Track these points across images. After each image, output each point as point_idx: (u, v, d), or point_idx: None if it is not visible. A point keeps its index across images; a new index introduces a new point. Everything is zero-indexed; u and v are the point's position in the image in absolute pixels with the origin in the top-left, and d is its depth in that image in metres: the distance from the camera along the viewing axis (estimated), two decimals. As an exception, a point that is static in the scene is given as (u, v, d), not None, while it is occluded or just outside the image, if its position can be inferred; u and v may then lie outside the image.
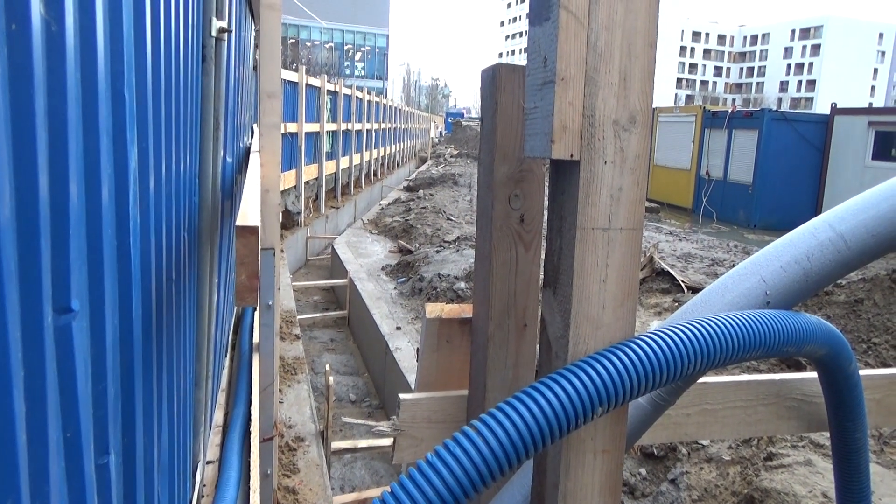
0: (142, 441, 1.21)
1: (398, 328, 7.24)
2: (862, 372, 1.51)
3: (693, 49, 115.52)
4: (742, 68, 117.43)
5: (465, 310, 1.65)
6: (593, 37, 0.99)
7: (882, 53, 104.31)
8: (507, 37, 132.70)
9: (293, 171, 12.02)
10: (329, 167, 15.32)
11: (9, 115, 0.62)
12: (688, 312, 1.30)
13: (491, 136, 1.40)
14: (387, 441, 4.22)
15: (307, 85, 12.65)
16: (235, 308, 4.50)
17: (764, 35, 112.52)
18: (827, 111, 18.12)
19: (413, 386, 2.60)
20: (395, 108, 28.98)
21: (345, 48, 65.84)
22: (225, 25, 1.92)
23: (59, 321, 0.76)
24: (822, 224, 1.33)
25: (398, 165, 28.55)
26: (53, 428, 0.74)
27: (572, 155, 1.01)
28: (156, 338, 1.37)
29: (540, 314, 1.19)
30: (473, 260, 1.59)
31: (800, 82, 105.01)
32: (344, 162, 16.81)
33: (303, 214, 12.63)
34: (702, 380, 1.52)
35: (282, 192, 10.28)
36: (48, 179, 0.72)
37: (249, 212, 1.86)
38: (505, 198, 1.41)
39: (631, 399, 1.00)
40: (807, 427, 1.66)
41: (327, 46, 62.50)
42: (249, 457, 2.62)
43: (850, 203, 1.36)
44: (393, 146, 27.29)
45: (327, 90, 14.64)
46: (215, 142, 1.95)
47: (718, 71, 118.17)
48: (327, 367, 4.97)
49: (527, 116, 1.10)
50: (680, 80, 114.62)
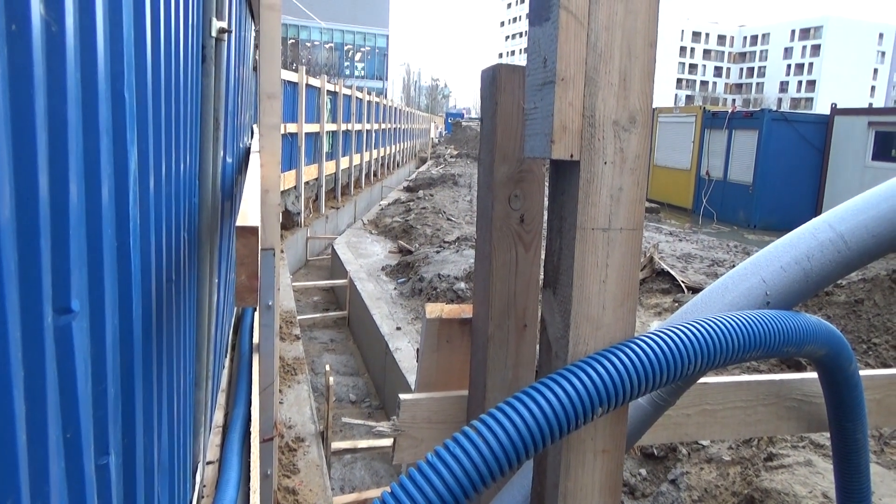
0: (142, 441, 1.21)
1: (398, 328, 7.24)
2: (862, 372, 1.51)
3: (693, 49, 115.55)
4: (742, 68, 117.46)
5: (465, 310, 1.65)
6: (593, 37, 0.99)
7: (882, 54, 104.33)
8: (507, 37, 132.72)
9: (293, 172, 12.02)
10: (329, 167, 15.32)
11: (9, 116, 0.62)
12: (688, 313, 1.30)
13: (491, 137, 1.40)
14: (387, 441, 4.22)
15: (307, 85, 12.66)
16: (235, 308, 4.50)
17: (764, 35, 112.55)
18: (827, 111, 18.11)
19: (413, 386, 2.60)
20: (395, 109, 28.98)
21: (345, 48, 65.83)
22: (225, 26, 1.92)
23: (59, 321, 0.76)
24: (823, 224, 1.33)
25: (398, 166, 28.56)
26: (53, 428, 0.74)
27: (572, 155, 1.01)
28: (156, 338, 1.37)
29: (540, 314, 1.19)
30: (473, 260, 1.59)
31: (800, 82, 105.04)
32: (344, 162, 16.81)
33: (303, 215, 12.63)
34: (702, 380, 1.52)
35: (282, 193, 10.29)
36: (48, 179, 0.72)
37: (249, 212, 1.86)
38: (505, 198, 1.41)
39: (631, 399, 1.00)
40: (807, 427, 1.66)
41: (327, 47, 62.51)
42: (249, 457, 2.62)
43: (850, 203, 1.36)
44: (393, 146, 27.29)
45: (327, 90, 14.64)
46: (215, 142, 1.95)
47: (718, 71, 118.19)
48: (327, 368, 4.97)
49: (527, 117, 1.10)
50: (680, 81, 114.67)
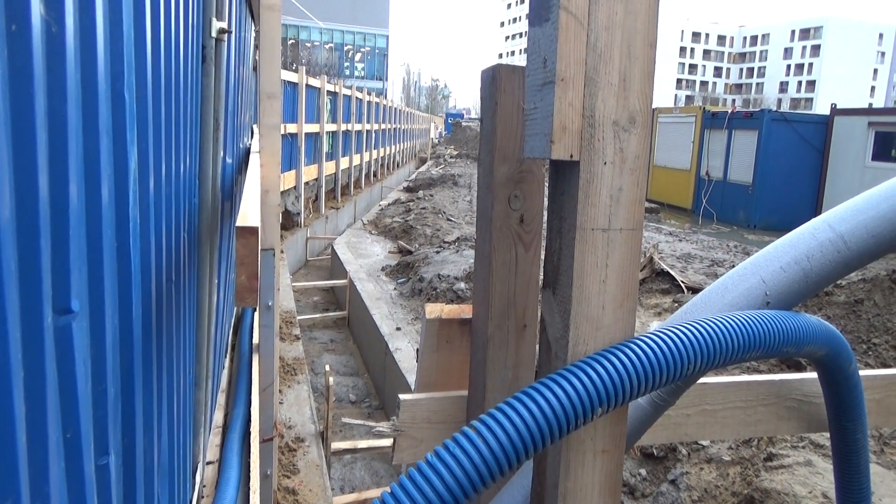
0: (142, 442, 1.21)
1: (398, 329, 7.24)
2: (862, 372, 1.51)
3: (693, 50, 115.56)
4: (742, 69, 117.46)
5: (465, 310, 1.65)
6: (593, 37, 0.99)
7: (882, 54, 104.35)
8: (507, 37, 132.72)
9: (293, 172, 12.02)
10: (329, 168, 15.32)
11: (9, 116, 0.62)
12: (688, 313, 1.30)
13: (491, 137, 1.40)
14: (387, 442, 4.22)
15: (307, 85, 12.66)
16: (235, 308, 4.50)
17: (764, 36, 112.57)
18: (827, 112, 18.11)
19: (413, 386, 2.60)
20: (395, 109, 28.98)
21: (345, 49, 65.80)
22: (225, 26, 1.92)
23: (59, 322, 0.76)
24: (822, 224, 1.33)
25: (398, 166, 28.56)
26: (53, 428, 0.74)
27: (572, 155, 1.01)
28: (156, 338, 1.37)
29: (540, 314, 1.19)
30: (473, 260, 1.59)
31: (800, 83, 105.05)
32: (344, 162, 16.81)
33: (303, 215, 12.63)
34: (702, 380, 1.52)
35: (281, 193, 10.28)
36: (48, 180, 0.72)
37: (249, 212, 1.86)
38: (505, 198, 1.41)
39: (631, 399, 1.00)
40: (807, 427, 1.66)
41: (327, 47, 62.48)
42: (249, 457, 2.62)
43: (850, 203, 1.36)
44: (393, 147, 27.29)
45: (327, 91, 14.64)
46: (215, 142, 1.95)
47: (718, 71, 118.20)
48: (327, 368, 4.97)
49: (527, 117, 1.10)
50: (680, 81, 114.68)
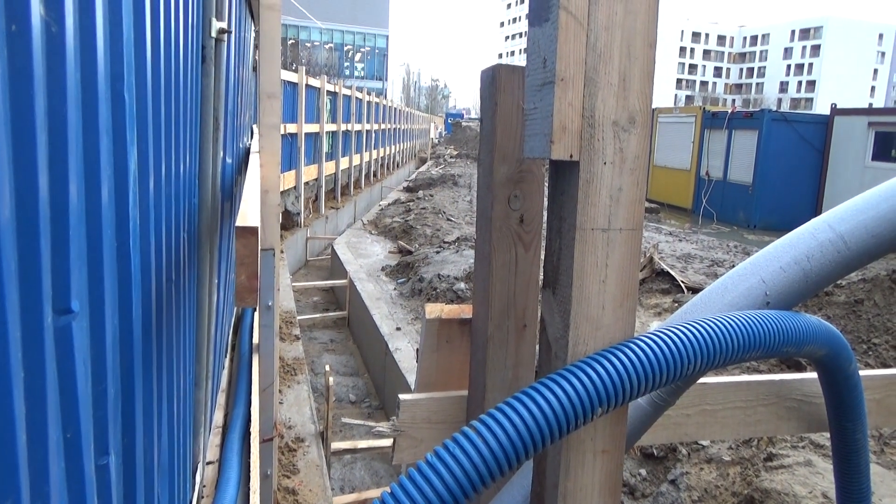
0: (142, 442, 1.21)
1: (398, 329, 7.24)
2: (862, 372, 1.51)
3: (693, 50, 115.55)
4: (742, 69, 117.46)
5: (465, 310, 1.65)
6: (593, 37, 0.99)
7: (882, 54, 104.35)
8: (507, 37, 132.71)
9: (293, 172, 12.02)
10: (329, 168, 15.32)
11: (9, 116, 0.62)
12: (688, 313, 1.30)
13: (490, 137, 1.40)
14: (386, 442, 4.22)
15: (307, 85, 12.65)
16: (235, 308, 4.50)
17: (764, 36, 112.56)
18: (827, 112, 18.10)
19: (413, 386, 2.60)
20: (395, 109, 28.98)
21: (344, 49, 65.78)
22: (225, 26, 1.92)
23: (59, 322, 0.76)
24: (822, 224, 1.33)
25: (398, 166, 28.56)
26: (53, 428, 0.74)
27: (572, 155, 1.01)
28: (156, 338, 1.37)
29: (539, 314, 1.19)
30: (473, 260, 1.59)
31: (800, 83, 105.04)
32: (344, 163, 16.81)
33: (302, 215, 12.63)
34: (702, 380, 1.52)
35: (281, 193, 10.28)
36: (48, 180, 0.72)
37: (249, 212, 1.86)
38: (504, 198, 1.41)
39: (631, 399, 1.00)
40: (807, 427, 1.66)
41: (327, 47, 62.46)
42: (249, 457, 2.62)
43: (850, 203, 1.36)
44: (393, 147, 27.29)
45: (327, 91, 14.64)
46: (215, 142, 1.95)
47: (718, 71, 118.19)
48: (327, 368, 4.97)
49: (526, 117, 1.10)
50: (680, 81, 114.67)
